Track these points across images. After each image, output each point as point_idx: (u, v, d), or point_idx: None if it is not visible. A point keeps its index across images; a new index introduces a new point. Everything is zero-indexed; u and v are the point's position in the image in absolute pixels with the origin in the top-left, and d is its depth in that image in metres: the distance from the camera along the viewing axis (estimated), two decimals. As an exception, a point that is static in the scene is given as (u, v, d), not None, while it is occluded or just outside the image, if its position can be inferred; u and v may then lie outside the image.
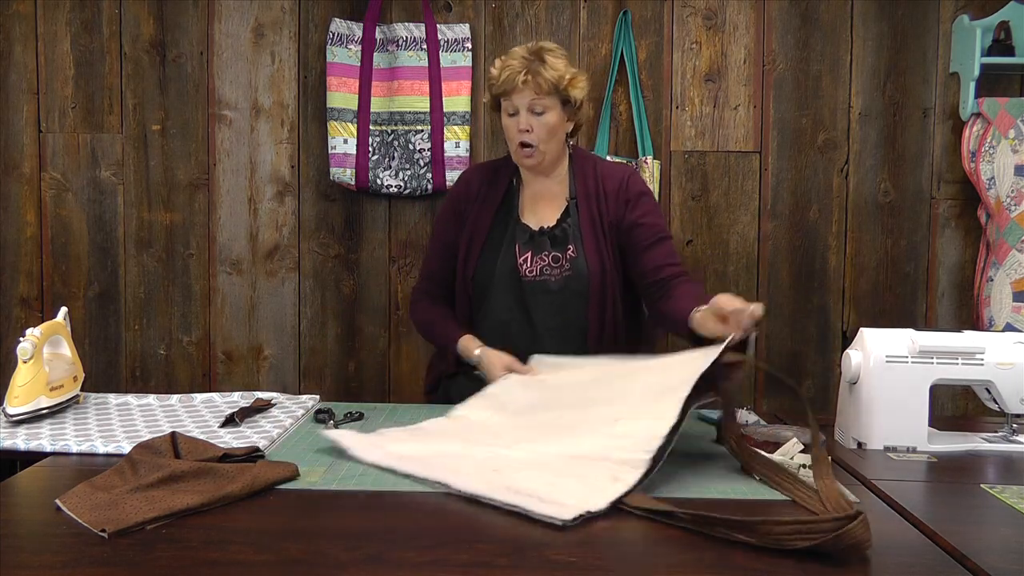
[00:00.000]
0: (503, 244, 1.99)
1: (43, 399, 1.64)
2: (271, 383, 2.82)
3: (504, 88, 1.89)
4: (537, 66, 1.88)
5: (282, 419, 1.69)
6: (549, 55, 1.91)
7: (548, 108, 1.90)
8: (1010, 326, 2.62)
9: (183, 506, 1.16)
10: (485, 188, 2.05)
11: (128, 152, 2.80)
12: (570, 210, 2.00)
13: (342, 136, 2.70)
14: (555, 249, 1.97)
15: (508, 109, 1.92)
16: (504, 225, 2.00)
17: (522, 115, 1.91)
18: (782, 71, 2.76)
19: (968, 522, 1.20)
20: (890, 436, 1.55)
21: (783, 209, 2.78)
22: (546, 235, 1.98)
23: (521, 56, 1.90)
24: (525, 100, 1.89)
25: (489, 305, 1.99)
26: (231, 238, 2.81)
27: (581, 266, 1.95)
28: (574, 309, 1.96)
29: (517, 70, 1.87)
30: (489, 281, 1.98)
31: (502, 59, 1.93)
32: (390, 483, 1.32)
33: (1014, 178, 2.62)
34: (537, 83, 1.87)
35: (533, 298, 1.96)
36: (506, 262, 1.97)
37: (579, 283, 1.95)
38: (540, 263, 1.96)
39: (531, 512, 1.16)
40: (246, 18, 2.77)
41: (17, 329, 2.79)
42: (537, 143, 1.92)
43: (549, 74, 1.88)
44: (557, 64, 1.90)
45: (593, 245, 1.96)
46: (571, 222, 1.99)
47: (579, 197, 2.00)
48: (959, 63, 2.69)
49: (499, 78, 1.90)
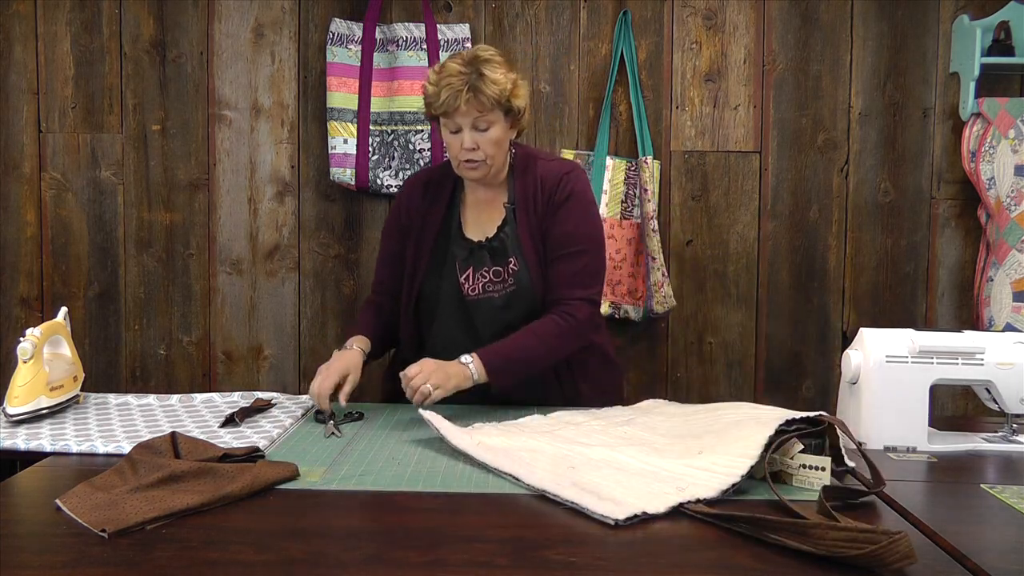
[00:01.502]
0: (445, 261, 1.88)
1: (43, 399, 1.64)
2: (271, 383, 2.82)
3: (444, 109, 1.76)
4: (477, 81, 1.74)
5: (282, 419, 1.69)
6: (487, 67, 1.76)
7: (492, 123, 1.78)
8: (1010, 326, 2.62)
9: (183, 506, 1.16)
10: (428, 201, 1.93)
11: (128, 152, 2.80)
12: (507, 218, 1.87)
13: (342, 136, 2.70)
14: (495, 263, 1.84)
15: (449, 127, 1.80)
16: (447, 239, 1.89)
17: (465, 134, 1.78)
18: (782, 71, 2.76)
19: (968, 522, 1.20)
20: (890, 436, 1.55)
21: (783, 209, 2.78)
22: (485, 248, 1.86)
23: (458, 71, 1.75)
24: (468, 119, 1.76)
25: (437, 325, 1.89)
26: (231, 238, 2.81)
27: (524, 279, 1.83)
28: (517, 325, 1.81)
29: (457, 88, 1.73)
30: (435, 301, 1.88)
31: (436, 74, 1.78)
32: (390, 483, 1.32)
33: (1014, 178, 2.62)
34: (479, 101, 1.74)
35: (478, 316, 1.85)
36: (449, 281, 1.86)
37: (523, 297, 1.83)
38: (481, 280, 1.84)
39: (587, 510, 1.18)
40: (246, 18, 2.77)
41: (17, 329, 2.79)
42: (483, 159, 1.80)
43: (490, 89, 1.74)
44: (496, 76, 1.76)
45: (534, 256, 1.84)
46: (509, 231, 1.86)
47: (518, 202, 1.87)
48: (959, 63, 2.70)
49: (438, 98, 1.75)
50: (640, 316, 2.75)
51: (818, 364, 2.81)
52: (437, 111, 1.78)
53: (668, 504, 1.19)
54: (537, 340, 1.80)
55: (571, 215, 1.85)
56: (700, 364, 2.82)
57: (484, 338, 1.82)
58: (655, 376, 2.82)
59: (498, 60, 1.79)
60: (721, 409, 1.60)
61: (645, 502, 1.19)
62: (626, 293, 2.74)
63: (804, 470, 1.31)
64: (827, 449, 1.34)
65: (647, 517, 1.16)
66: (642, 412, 1.73)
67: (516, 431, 1.58)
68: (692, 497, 1.21)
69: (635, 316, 2.75)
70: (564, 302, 1.82)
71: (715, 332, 2.81)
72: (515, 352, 1.77)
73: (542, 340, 1.80)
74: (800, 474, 1.31)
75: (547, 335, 1.80)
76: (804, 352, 2.81)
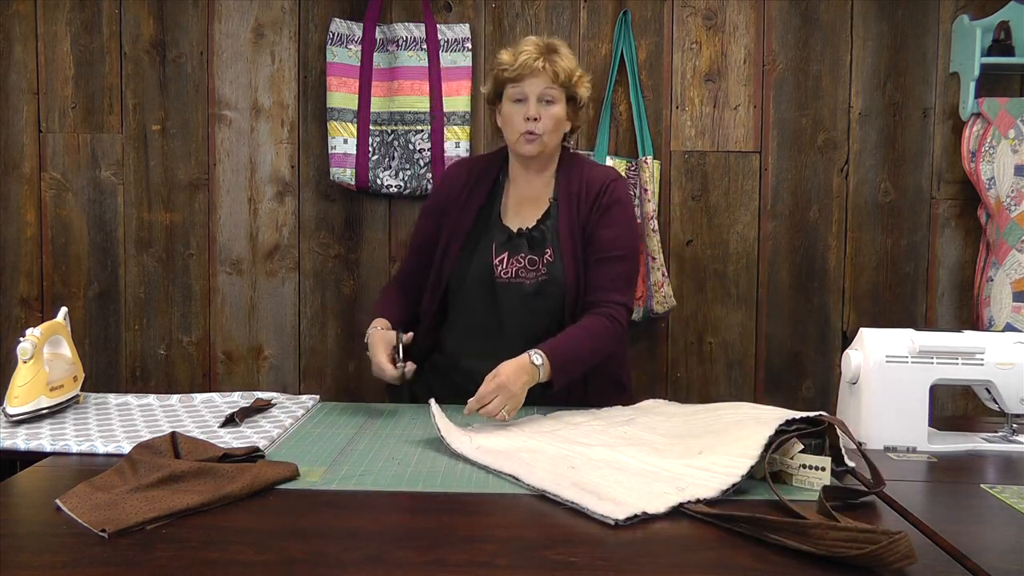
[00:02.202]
0: (480, 244, 1.92)
1: (43, 399, 1.64)
2: (271, 383, 2.82)
3: (519, 72, 1.85)
4: (552, 56, 1.87)
5: (282, 419, 1.69)
6: (562, 48, 1.90)
7: (556, 100, 1.87)
8: (1010, 326, 2.62)
9: (183, 506, 1.16)
10: (471, 186, 1.98)
11: (128, 152, 2.80)
12: (551, 212, 1.93)
13: (342, 136, 2.70)
14: (532, 252, 1.89)
15: (515, 95, 1.87)
16: (485, 225, 1.94)
17: (531, 102, 1.86)
18: (782, 71, 2.76)
19: (968, 522, 1.20)
20: (890, 436, 1.55)
21: (783, 209, 2.78)
22: (524, 237, 1.91)
23: (535, 43, 1.88)
24: (537, 87, 1.85)
25: (461, 305, 1.94)
26: (231, 238, 2.81)
27: (558, 271, 1.87)
28: (546, 314, 1.87)
29: (534, 55, 1.85)
30: (463, 281, 1.92)
31: (513, 46, 1.91)
32: (390, 483, 1.32)
33: (1014, 178, 2.62)
34: (554, 71, 1.85)
35: (506, 300, 1.88)
36: (481, 262, 1.91)
37: (554, 288, 1.87)
38: (515, 265, 1.89)
39: (588, 510, 1.18)
40: (246, 18, 2.77)
41: (17, 329, 2.79)
42: (542, 133, 1.86)
43: (562, 64, 1.86)
44: (570, 58, 1.90)
45: (570, 251, 1.88)
46: (550, 224, 1.92)
47: (560, 199, 1.93)
48: (959, 63, 2.69)
49: (514, 62, 1.86)
50: (640, 316, 2.75)
51: (818, 364, 2.81)
52: (511, 74, 1.86)
53: (668, 504, 1.19)
54: (591, 340, 1.81)
55: (616, 220, 1.90)
56: (700, 364, 2.82)
57: (507, 323, 1.88)
58: (655, 376, 2.82)
59: (569, 51, 1.93)
60: (721, 409, 1.60)
61: (645, 502, 1.19)
62: (626, 293, 2.74)
63: (804, 470, 1.31)
64: (827, 449, 1.34)
65: (647, 517, 1.16)
66: (642, 412, 1.73)
67: (516, 431, 1.58)
68: (692, 497, 1.21)
69: (635, 316, 2.75)
70: (605, 304, 1.84)
71: (715, 332, 2.81)
72: (576, 351, 1.78)
73: (594, 340, 1.81)
74: (800, 474, 1.31)
75: (597, 335, 1.82)
76: (804, 352, 2.81)
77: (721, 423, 1.49)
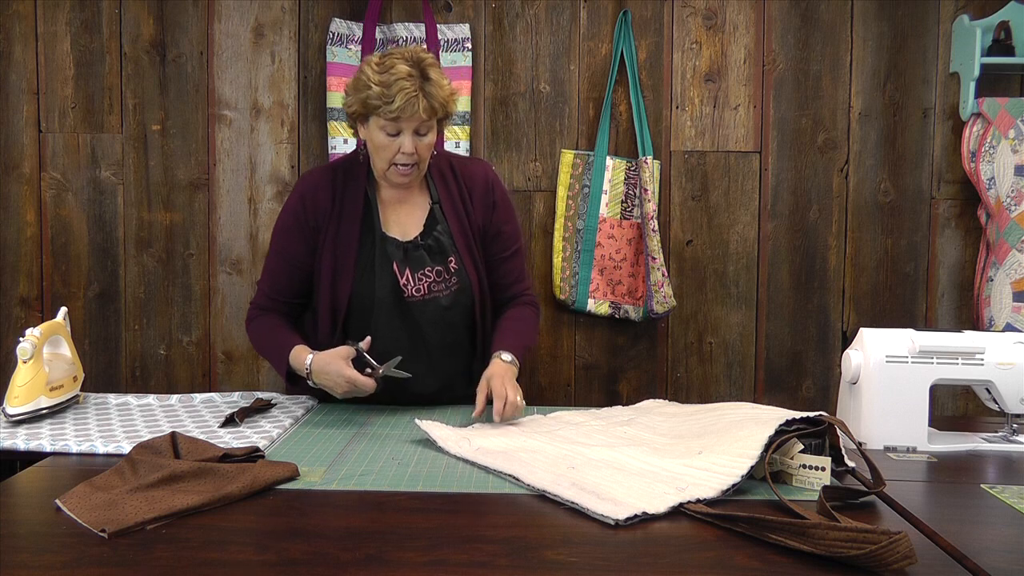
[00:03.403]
0: (375, 263, 1.81)
1: (43, 399, 1.64)
2: (271, 383, 2.82)
3: (397, 114, 1.70)
4: (427, 86, 1.71)
5: (282, 419, 1.69)
6: (431, 71, 1.73)
7: (431, 128, 1.77)
8: (1010, 326, 2.62)
9: (183, 506, 1.16)
10: (339, 200, 1.84)
11: (128, 152, 2.80)
12: (436, 216, 1.86)
13: (342, 136, 2.70)
14: (435, 263, 1.83)
15: (388, 130, 1.73)
16: (371, 239, 1.82)
17: (407, 139, 1.73)
18: (782, 71, 2.76)
19: (968, 522, 1.20)
20: (890, 436, 1.55)
21: (783, 209, 2.78)
22: (421, 248, 1.83)
23: (407, 73, 1.70)
24: (413, 124, 1.73)
25: (369, 327, 1.79)
26: (231, 238, 2.81)
27: (464, 278, 1.84)
28: (461, 321, 1.86)
29: (411, 93, 1.69)
30: (368, 305, 1.80)
31: (380, 72, 1.71)
32: (390, 483, 1.32)
33: (1014, 178, 2.62)
34: (431, 107, 1.72)
35: (423, 317, 1.82)
36: (384, 283, 1.80)
37: (464, 295, 1.84)
38: (425, 280, 1.82)
39: (587, 510, 1.18)
40: (246, 18, 2.77)
41: (17, 329, 2.79)
42: (417, 163, 1.78)
43: (438, 95, 1.73)
44: (442, 82, 1.75)
45: (468, 254, 1.85)
46: (441, 229, 1.85)
47: (442, 201, 1.86)
48: (959, 63, 2.70)
49: (390, 101, 1.69)
50: (640, 316, 2.75)
51: (818, 364, 2.81)
52: (387, 115, 1.71)
53: (668, 504, 1.19)
54: (532, 327, 1.94)
55: (510, 214, 1.94)
56: (700, 364, 2.82)
57: (429, 338, 1.83)
58: (655, 376, 2.82)
59: (436, 63, 1.77)
60: (721, 409, 1.60)
61: (645, 502, 1.19)
62: (626, 293, 2.74)
63: (804, 470, 1.31)
64: (827, 449, 1.34)
65: (647, 517, 1.16)
66: (642, 412, 1.73)
67: (516, 431, 1.58)
68: (692, 497, 1.21)
69: (635, 316, 2.75)
70: (526, 294, 1.96)
71: (715, 332, 2.81)
72: (528, 341, 1.89)
73: (533, 326, 1.95)
74: (800, 474, 1.31)
75: (533, 321, 1.95)
76: (804, 352, 2.81)
77: (721, 423, 1.49)
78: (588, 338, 2.82)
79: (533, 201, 2.79)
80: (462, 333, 1.88)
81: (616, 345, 2.82)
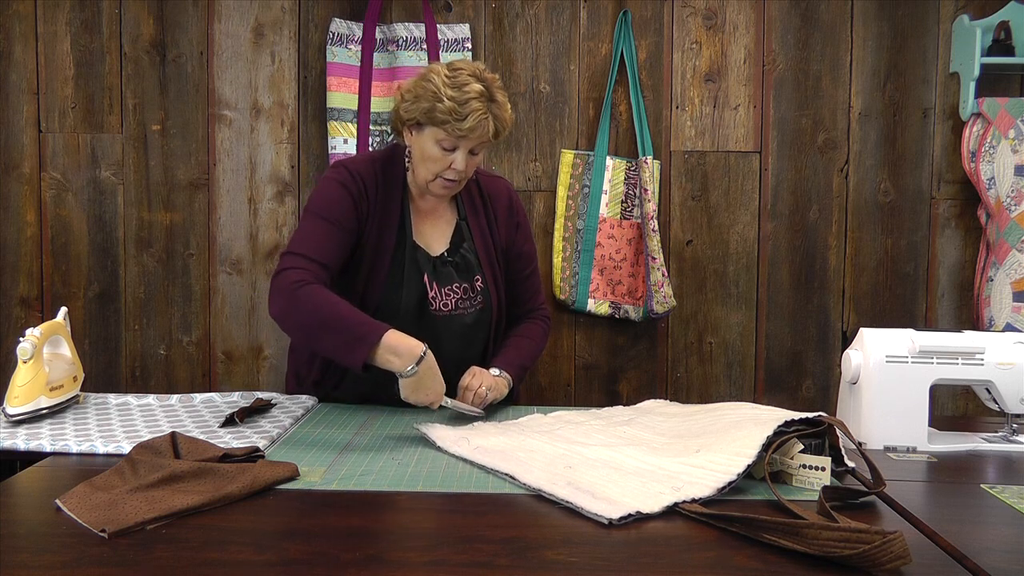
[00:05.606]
0: (404, 272, 1.78)
1: (43, 399, 1.64)
2: (271, 383, 2.82)
3: (468, 134, 1.68)
4: (494, 108, 1.71)
5: (282, 419, 1.69)
6: (499, 93, 1.72)
7: (484, 147, 1.76)
8: (1010, 326, 2.62)
9: (183, 506, 1.16)
10: (382, 199, 1.80)
11: (128, 152, 2.80)
12: (463, 233, 1.86)
13: (342, 136, 2.70)
14: (462, 280, 1.82)
15: (445, 144, 1.70)
16: (403, 247, 1.79)
17: (461, 156, 1.72)
18: (782, 71, 2.76)
19: (968, 522, 1.20)
20: (890, 436, 1.55)
21: (783, 209, 2.78)
22: (449, 265, 1.82)
23: (480, 93, 1.68)
24: (474, 143, 1.72)
25: None
26: (231, 238, 2.81)
27: (488, 297, 1.85)
28: (480, 339, 1.87)
29: (482, 114, 1.67)
30: (392, 313, 1.76)
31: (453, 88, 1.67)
32: (390, 483, 1.32)
33: (1014, 178, 2.62)
34: (497, 130, 1.72)
35: (445, 332, 1.80)
36: (412, 294, 1.78)
37: (487, 314, 1.86)
38: (452, 296, 1.81)
39: (582, 509, 1.18)
40: (246, 18, 2.77)
41: (17, 329, 2.79)
42: (463, 179, 1.77)
43: (503, 117, 1.72)
44: (507, 104, 1.74)
45: (491, 273, 1.86)
46: (468, 247, 1.85)
47: (468, 217, 1.87)
48: (959, 63, 2.70)
49: (462, 118, 1.66)
50: (640, 316, 2.75)
51: (818, 364, 2.81)
52: (456, 132, 1.67)
53: (663, 504, 1.19)
54: (537, 345, 1.94)
55: (528, 234, 1.97)
56: (700, 364, 2.82)
57: (447, 353, 1.72)
58: (655, 376, 2.82)
59: (503, 91, 1.75)
60: (721, 409, 1.60)
61: (640, 502, 1.19)
62: (626, 293, 2.74)
63: (804, 470, 1.31)
64: (827, 449, 1.34)
65: (642, 517, 1.16)
66: (642, 412, 1.73)
67: (515, 431, 1.58)
68: (688, 497, 1.21)
69: (635, 316, 2.75)
70: (540, 308, 1.98)
71: (715, 332, 2.81)
72: (527, 360, 1.89)
73: (539, 344, 1.95)
74: (800, 474, 1.31)
75: (541, 338, 1.95)
76: (804, 352, 2.81)
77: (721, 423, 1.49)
78: (588, 338, 2.82)
79: (533, 201, 2.79)
80: (479, 348, 1.89)
81: (616, 345, 2.82)
